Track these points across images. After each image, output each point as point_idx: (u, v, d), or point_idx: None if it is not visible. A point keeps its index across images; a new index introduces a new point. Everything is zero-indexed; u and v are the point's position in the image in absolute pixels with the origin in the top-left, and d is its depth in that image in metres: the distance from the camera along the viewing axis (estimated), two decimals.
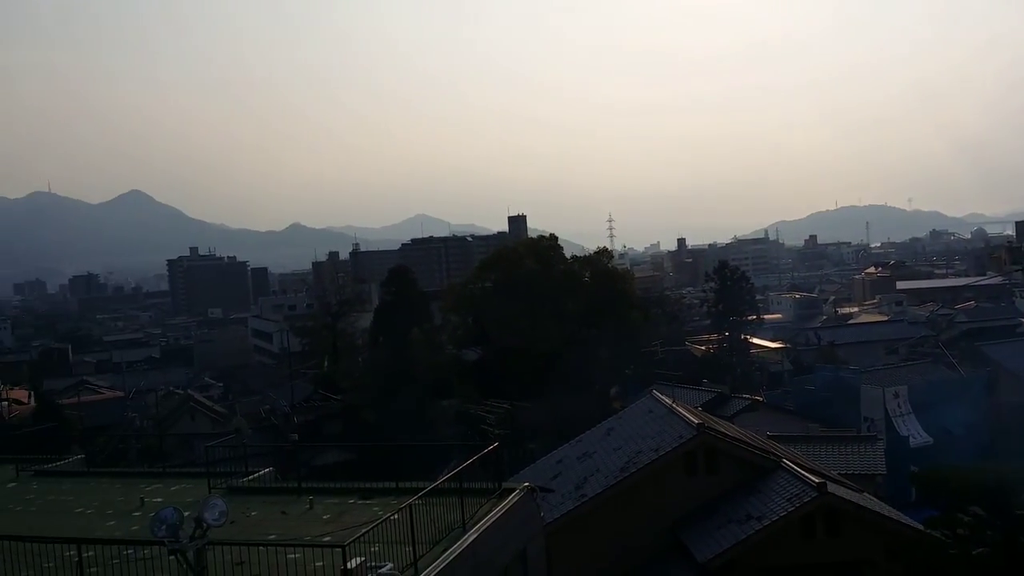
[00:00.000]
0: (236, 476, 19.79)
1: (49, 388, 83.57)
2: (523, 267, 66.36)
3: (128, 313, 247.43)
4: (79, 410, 59.70)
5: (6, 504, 19.57)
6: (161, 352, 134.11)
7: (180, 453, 37.54)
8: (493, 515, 16.06)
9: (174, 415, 61.29)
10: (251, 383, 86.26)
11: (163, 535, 11.26)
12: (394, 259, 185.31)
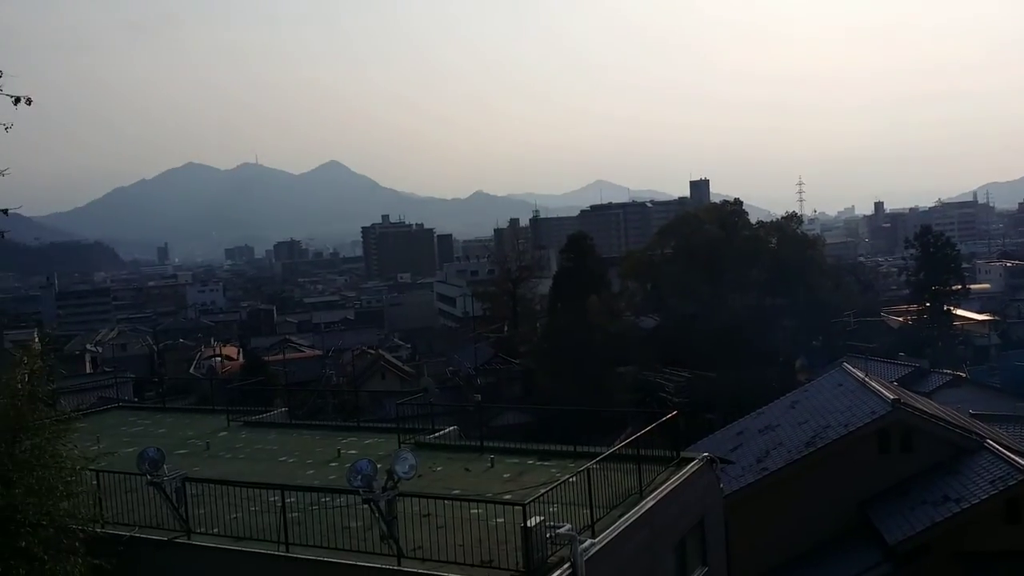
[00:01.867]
0: (423, 432, 20.67)
1: (256, 346, 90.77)
2: (705, 233, 64.83)
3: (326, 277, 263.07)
4: (282, 366, 64.17)
5: (218, 451, 21.38)
6: (355, 314, 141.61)
7: (372, 409, 39.71)
8: (671, 483, 15.92)
9: (366, 373, 64.76)
10: (436, 345, 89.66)
11: (358, 485, 11.97)
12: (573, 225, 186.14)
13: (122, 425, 24.94)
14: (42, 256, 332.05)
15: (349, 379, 63.01)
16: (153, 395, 48.60)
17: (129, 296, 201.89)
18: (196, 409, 29.51)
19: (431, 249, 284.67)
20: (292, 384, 54.64)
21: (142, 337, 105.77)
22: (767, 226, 70.49)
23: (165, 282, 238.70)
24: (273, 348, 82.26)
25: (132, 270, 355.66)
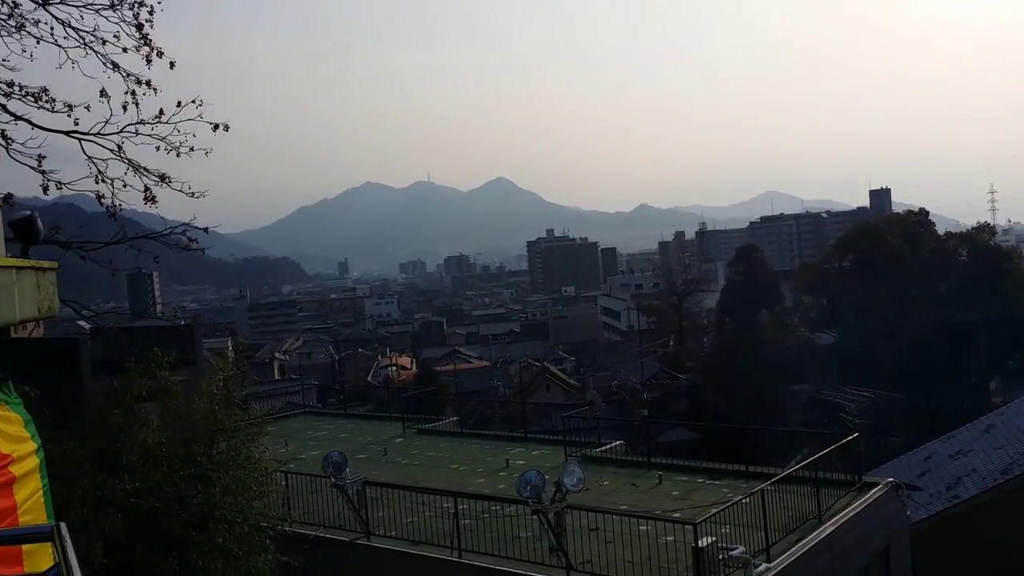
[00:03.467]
0: (590, 446, 20.68)
1: (427, 356, 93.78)
2: (887, 245, 61.33)
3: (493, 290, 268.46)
4: (452, 376, 65.98)
5: (395, 456, 22.27)
6: (521, 326, 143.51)
7: (538, 420, 40.11)
8: (853, 509, 15.14)
9: (532, 385, 65.49)
10: (600, 358, 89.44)
11: (528, 495, 12.13)
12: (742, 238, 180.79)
13: (307, 429, 26.44)
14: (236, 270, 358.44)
15: (515, 390, 63.92)
16: (335, 401, 51.20)
17: (313, 308, 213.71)
18: (374, 416, 30.87)
19: (595, 262, 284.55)
20: (462, 394, 56.10)
21: (325, 346, 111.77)
22: (956, 237, 65.81)
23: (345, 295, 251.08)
24: (444, 358, 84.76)
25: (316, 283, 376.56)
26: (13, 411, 4.91)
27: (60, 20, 11.32)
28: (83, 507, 11.50)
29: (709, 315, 73.75)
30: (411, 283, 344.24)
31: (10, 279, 3.92)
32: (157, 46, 11.61)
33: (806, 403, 48.67)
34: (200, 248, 13.31)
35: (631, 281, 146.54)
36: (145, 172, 11.90)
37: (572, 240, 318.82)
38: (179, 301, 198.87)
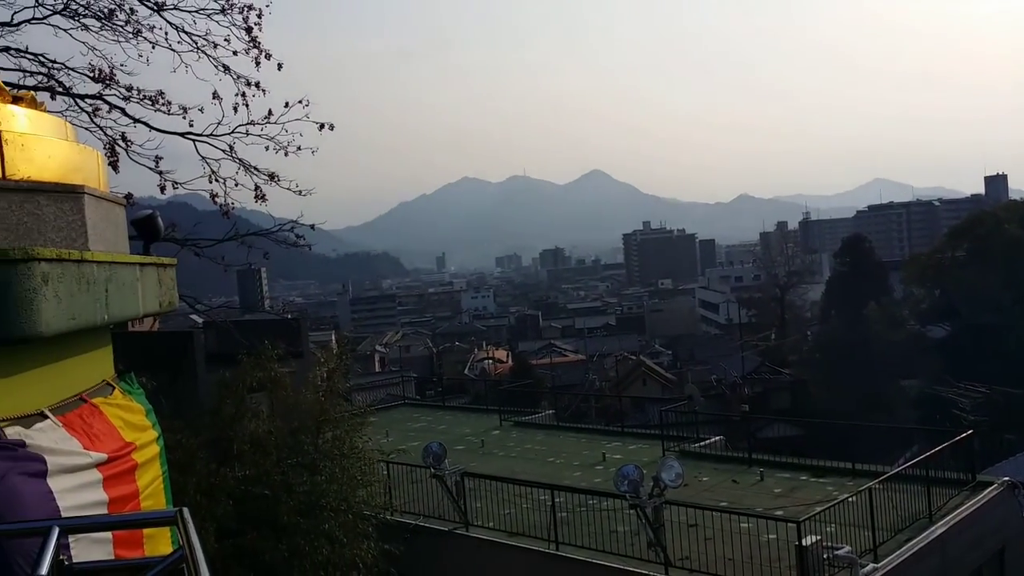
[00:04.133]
0: (688, 441, 20.44)
1: (523, 349, 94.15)
2: (1004, 233, 58.28)
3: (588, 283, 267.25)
4: (548, 370, 66.10)
5: (492, 448, 22.52)
6: (616, 319, 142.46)
7: (634, 415, 39.80)
8: (965, 509, 14.52)
9: (628, 379, 64.98)
10: (698, 352, 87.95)
11: (625, 490, 12.10)
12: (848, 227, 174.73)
13: (407, 420, 26.99)
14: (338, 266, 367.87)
15: (611, 384, 63.58)
16: (433, 393, 52.04)
17: (412, 302, 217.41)
18: (471, 408, 31.28)
19: (693, 255, 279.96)
20: (557, 387, 56.14)
21: (423, 339, 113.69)
22: None
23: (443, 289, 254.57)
24: (539, 352, 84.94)
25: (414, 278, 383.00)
26: (135, 401, 5.20)
27: (174, 25, 11.89)
28: (197, 494, 12.07)
29: (813, 308, 71.63)
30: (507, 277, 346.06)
31: (134, 275, 4.15)
32: (265, 48, 12.05)
33: (916, 399, 46.79)
34: (307, 244, 13.77)
35: (730, 273, 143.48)
36: (255, 171, 12.39)
37: (669, 232, 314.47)
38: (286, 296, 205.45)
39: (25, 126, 3.89)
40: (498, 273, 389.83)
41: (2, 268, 3.06)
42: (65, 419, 4.01)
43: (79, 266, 3.55)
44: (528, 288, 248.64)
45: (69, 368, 4.27)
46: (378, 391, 37.40)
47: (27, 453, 3.52)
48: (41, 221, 3.67)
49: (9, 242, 3.48)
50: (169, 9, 11.77)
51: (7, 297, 3.06)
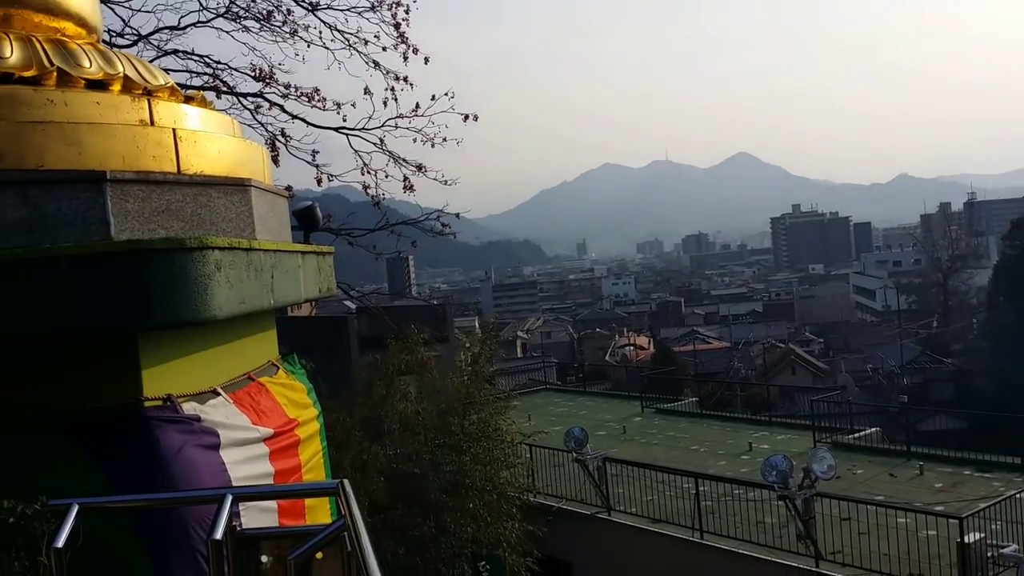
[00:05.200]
0: (841, 432, 19.68)
1: (665, 336, 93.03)
2: None
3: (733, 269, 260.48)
4: (692, 357, 65.04)
5: (633, 435, 22.42)
6: (763, 306, 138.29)
7: (782, 404, 38.61)
8: None
9: (776, 367, 63.07)
10: (852, 340, 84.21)
11: (773, 480, 11.79)
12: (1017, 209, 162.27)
13: (549, 405, 27.23)
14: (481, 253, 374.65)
15: (758, 372, 61.87)
16: (573, 379, 52.26)
17: (552, 288, 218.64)
18: (612, 394, 31.22)
19: (846, 238, 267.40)
20: (701, 374, 55.11)
21: (564, 326, 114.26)
22: None
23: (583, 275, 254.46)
24: (682, 339, 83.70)
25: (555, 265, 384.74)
26: (298, 380, 5.53)
27: (327, 24, 12.44)
28: (352, 470, 12.66)
29: (979, 294, 67.06)
30: (648, 263, 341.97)
31: (296, 262, 4.42)
32: (412, 43, 12.43)
33: None
34: (452, 232, 14.12)
35: (888, 258, 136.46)
36: (404, 163, 12.82)
37: (821, 215, 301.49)
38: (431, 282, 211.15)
39: (197, 124, 4.20)
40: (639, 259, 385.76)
41: (180, 256, 3.33)
42: (235, 396, 4.32)
43: (248, 254, 3.81)
44: (670, 274, 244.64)
45: (238, 349, 4.59)
46: (520, 376, 37.85)
47: (202, 427, 3.82)
48: (213, 212, 3.96)
49: (185, 232, 3.78)
50: (323, 9, 12.34)
51: (185, 283, 3.33)
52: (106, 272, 3.22)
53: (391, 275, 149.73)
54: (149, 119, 3.90)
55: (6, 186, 3.32)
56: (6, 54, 3.69)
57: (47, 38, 3.94)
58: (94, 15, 4.47)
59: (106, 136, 3.65)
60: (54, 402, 3.38)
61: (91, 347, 3.47)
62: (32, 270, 3.15)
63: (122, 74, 3.95)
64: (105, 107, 3.76)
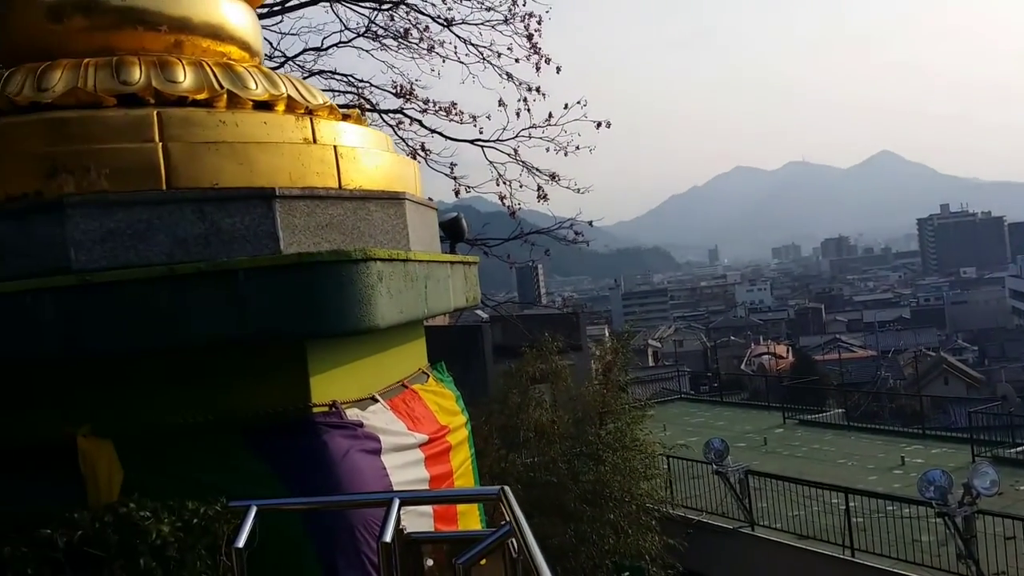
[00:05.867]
0: (1002, 446, 18.48)
1: (804, 344, 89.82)
2: None
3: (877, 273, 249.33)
4: (836, 366, 62.53)
5: (775, 447, 21.72)
6: (911, 312, 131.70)
7: (935, 416, 36.49)
8: None
9: (927, 377, 59.75)
10: (1009, 348, 79.03)
11: (931, 496, 11.18)
12: None
13: (684, 415, 26.77)
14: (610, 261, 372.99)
15: (908, 382, 58.76)
16: (707, 389, 51.15)
17: (684, 295, 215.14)
18: (751, 404, 30.36)
19: (1001, 239, 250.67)
20: (845, 385, 52.86)
21: (696, 334, 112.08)
22: None
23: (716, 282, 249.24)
24: (823, 347, 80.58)
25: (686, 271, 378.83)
26: (447, 388, 5.64)
27: (462, 39, 12.71)
28: (489, 477, 12.81)
29: None
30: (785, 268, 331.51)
31: (446, 272, 4.51)
32: (545, 54, 12.52)
33: None
34: (585, 241, 14.11)
35: None
36: (537, 172, 12.92)
37: (972, 215, 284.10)
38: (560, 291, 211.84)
39: (355, 141, 4.36)
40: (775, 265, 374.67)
41: (346, 267, 3.46)
42: (392, 403, 4.45)
43: (405, 265, 3.92)
44: (808, 280, 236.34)
45: (393, 357, 4.73)
46: (653, 385, 37.35)
47: (365, 432, 3.95)
48: (371, 225, 4.10)
49: (346, 244, 3.92)
50: (458, 24, 12.60)
51: (350, 294, 3.46)
52: (278, 283, 3.38)
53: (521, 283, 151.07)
54: (312, 137, 4.08)
55: (186, 203, 3.53)
56: (180, 78, 3.94)
57: (215, 62, 4.17)
58: (256, 39, 4.72)
59: (274, 154, 3.84)
60: (231, 407, 3.57)
61: (263, 355, 3.65)
62: (212, 282, 3.35)
63: (285, 95, 4.14)
64: (272, 127, 3.95)
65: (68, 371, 3.55)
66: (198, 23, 4.27)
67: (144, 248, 3.46)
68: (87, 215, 3.40)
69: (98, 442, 3.46)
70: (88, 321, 3.31)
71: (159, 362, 3.60)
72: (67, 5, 4.11)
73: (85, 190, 3.47)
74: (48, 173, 3.48)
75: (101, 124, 3.63)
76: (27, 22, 4.19)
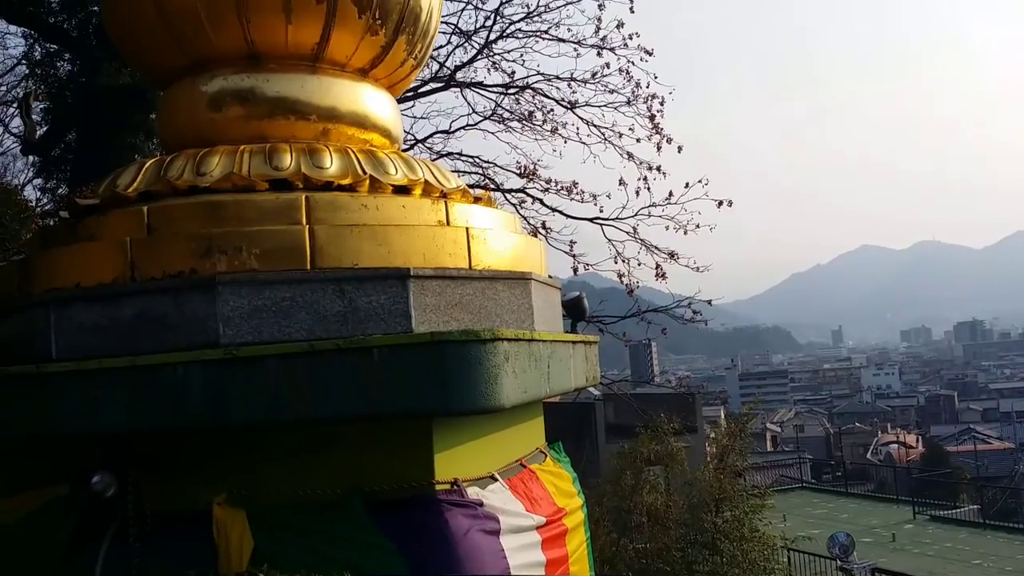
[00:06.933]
0: None
1: (936, 434, 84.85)
2: None
3: (1014, 360, 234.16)
4: (970, 458, 58.85)
5: (904, 543, 20.44)
6: None
7: None
8: None
9: None
10: None
11: None
12: None
13: (805, 505, 25.59)
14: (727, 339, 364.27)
15: None
16: (830, 478, 48.81)
17: (805, 378, 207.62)
18: (878, 497, 28.82)
19: None
20: (980, 479, 49.50)
21: (818, 418, 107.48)
22: None
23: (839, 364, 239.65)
24: (956, 437, 75.92)
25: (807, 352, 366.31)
26: (564, 468, 5.60)
27: (584, 120, 12.99)
28: (600, 562, 12.50)
29: None
30: (914, 352, 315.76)
31: (568, 352, 4.55)
32: (666, 133, 12.63)
33: None
34: (703, 320, 13.91)
35: None
36: (656, 250, 12.90)
37: None
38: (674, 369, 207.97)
39: (485, 223, 4.50)
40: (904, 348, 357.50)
41: (475, 347, 3.54)
42: (510, 482, 4.45)
43: (530, 345, 3.97)
44: (940, 364, 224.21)
45: (512, 435, 4.76)
46: (771, 472, 35.97)
47: (484, 512, 3.96)
48: (498, 304, 4.19)
49: (473, 323, 4.02)
50: (581, 106, 12.90)
51: (479, 373, 3.53)
52: (411, 361, 3.49)
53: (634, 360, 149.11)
54: (446, 220, 4.24)
55: (327, 283, 3.72)
56: (327, 165, 4.19)
57: (359, 148, 4.42)
58: (396, 126, 4.98)
59: (410, 236, 4.01)
60: (358, 481, 3.67)
61: (390, 431, 3.75)
62: (349, 358, 3.49)
63: (422, 179, 4.34)
64: (409, 210, 4.14)
65: (210, 440, 3.75)
66: (345, 112, 4.56)
67: (287, 324, 3.65)
68: (237, 293, 3.62)
69: (232, 511, 3.61)
70: (232, 393, 3.50)
71: (292, 434, 3.76)
72: (226, 96, 4.46)
73: (236, 269, 3.70)
74: (203, 252, 3.74)
75: (254, 207, 3.90)
76: (190, 112, 4.56)
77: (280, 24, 4.35)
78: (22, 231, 7.89)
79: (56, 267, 4.05)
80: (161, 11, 4.36)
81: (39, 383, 3.65)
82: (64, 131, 12.82)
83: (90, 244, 4.03)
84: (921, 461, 60.32)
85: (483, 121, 13.44)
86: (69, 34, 12.57)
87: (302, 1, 4.31)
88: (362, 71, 4.74)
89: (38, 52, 13.78)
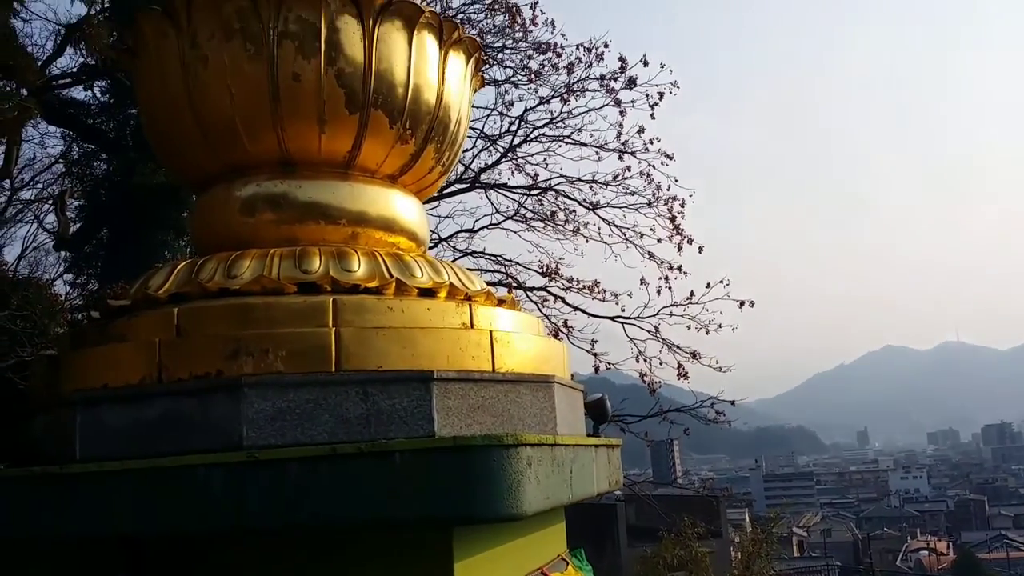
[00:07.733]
0: None
1: (966, 540, 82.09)
2: None
3: None
4: (1000, 565, 56.80)
5: None
6: None
7: None
8: None
9: None
10: None
11: None
12: None
13: None
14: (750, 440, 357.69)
15: None
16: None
17: (831, 480, 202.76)
18: None
19: None
20: None
21: (845, 523, 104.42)
22: None
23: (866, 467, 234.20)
24: (987, 544, 73.38)
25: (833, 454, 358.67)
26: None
27: (606, 220, 13.20)
28: None
29: None
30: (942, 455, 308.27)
31: (591, 456, 4.50)
32: (687, 234, 12.79)
33: None
34: (727, 420, 13.75)
35: None
36: (678, 350, 12.88)
37: None
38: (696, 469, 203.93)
39: (509, 326, 4.53)
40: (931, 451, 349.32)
41: (497, 452, 3.51)
42: None
43: (552, 449, 3.94)
44: (969, 468, 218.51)
45: (533, 542, 4.66)
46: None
47: None
48: (520, 408, 4.17)
49: (495, 427, 4.00)
50: (602, 207, 13.13)
51: (502, 479, 3.49)
52: (433, 466, 3.45)
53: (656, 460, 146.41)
54: (470, 323, 4.28)
55: (351, 385, 3.73)
56: (354, 268, 4.26)
57: (387, 252, 4.51)
58: (423, 230, 5.08)
59: (435, 339, 4.04)
60: None
61: (409, 538, 3.69)
62: (370, 462, 3.47)
63: (448, 282, 4.40)
64: (434, 312, 4.18)
65: (229, 546, 3.71)
66: (374, 217, 4.66)
67: (310, 427, 3.65)
68: (261, 395, 3.64)
69: None
70: (252, 496, 3.48)
71: (311, 541, 3.72)
72: (259, 201, 4.58)
73: (262, 371, 3.73)
74: (231, 354, 3.78)
75: (282, 309, 3.95)
76: (223, 215, 4.68)
77: (314, 133, 4.49)
78: (51, 325, 8.03)
79: (85, 367, 4.10)
80: (199, 121, 4.52)
81: (62, 484, 3.66)
82: (97, 228, 13.16)
83: (120, 345, 4.08)
84: (952, 569, 58.29)
85: (506, 220, 13.70)
86: (107, 135, 13.05)
87: (336, 112, 4.45)
88: (391, 177, 4.87)
89: (75, 152, 14.27)
